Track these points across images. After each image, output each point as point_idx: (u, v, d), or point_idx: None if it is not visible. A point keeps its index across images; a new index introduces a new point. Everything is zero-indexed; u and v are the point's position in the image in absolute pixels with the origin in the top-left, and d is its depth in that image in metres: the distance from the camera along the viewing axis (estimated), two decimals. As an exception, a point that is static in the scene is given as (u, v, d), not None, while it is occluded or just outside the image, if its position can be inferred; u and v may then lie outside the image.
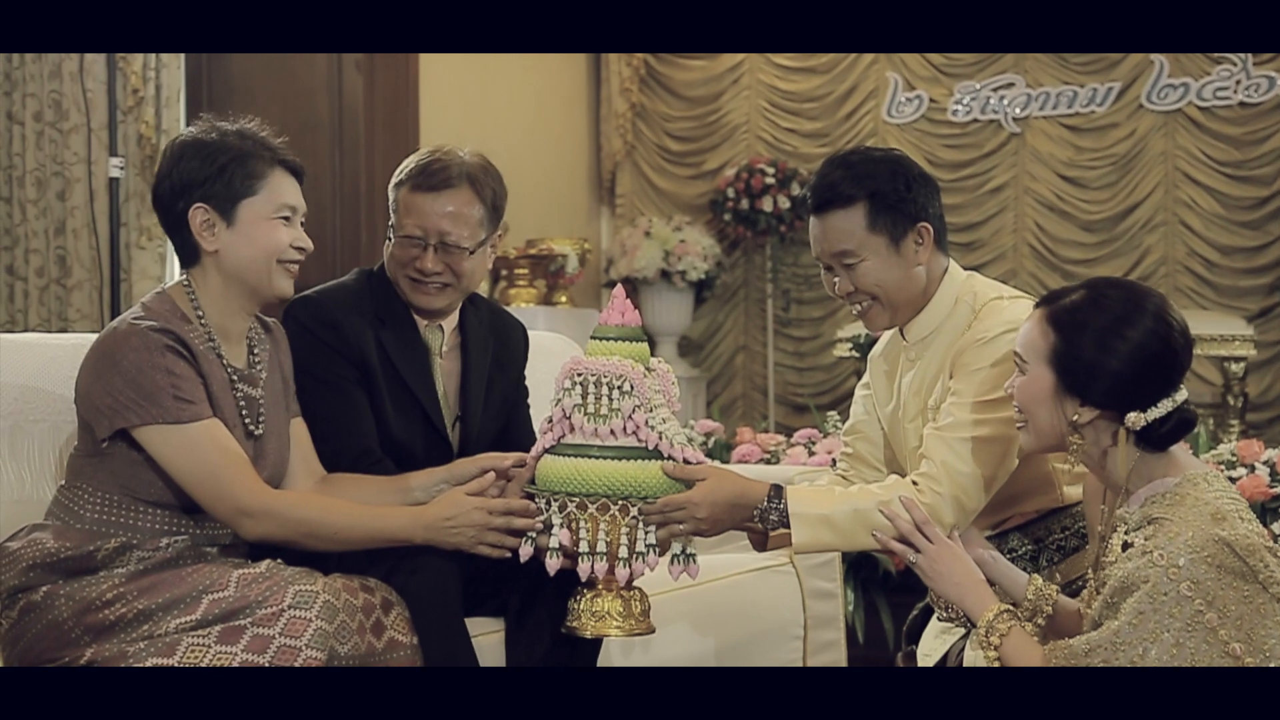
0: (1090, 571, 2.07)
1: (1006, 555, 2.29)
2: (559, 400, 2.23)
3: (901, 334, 2.39)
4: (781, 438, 4.36)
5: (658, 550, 2.22)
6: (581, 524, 2.19)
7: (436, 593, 2.25)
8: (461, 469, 2.34)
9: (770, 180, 7.59)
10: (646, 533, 2.20)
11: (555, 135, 7.88)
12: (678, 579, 2.30)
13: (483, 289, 6.80)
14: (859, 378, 8.25)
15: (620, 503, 2.18)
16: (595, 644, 2.44)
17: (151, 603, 2.07)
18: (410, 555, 2.24)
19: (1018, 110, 7.45)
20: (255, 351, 2.31)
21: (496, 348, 2.63)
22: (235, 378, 2.24)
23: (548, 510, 2.22)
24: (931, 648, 2.43)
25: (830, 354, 7.47)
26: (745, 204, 7.62)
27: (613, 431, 2.18)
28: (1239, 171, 7.10)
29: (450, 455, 2.49)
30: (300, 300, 2.47)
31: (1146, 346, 1.93)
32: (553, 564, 2.20)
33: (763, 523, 2.24)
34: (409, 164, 2.52)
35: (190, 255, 2.26)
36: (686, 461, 2.22)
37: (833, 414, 4.48)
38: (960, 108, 7.55)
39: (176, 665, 1.98)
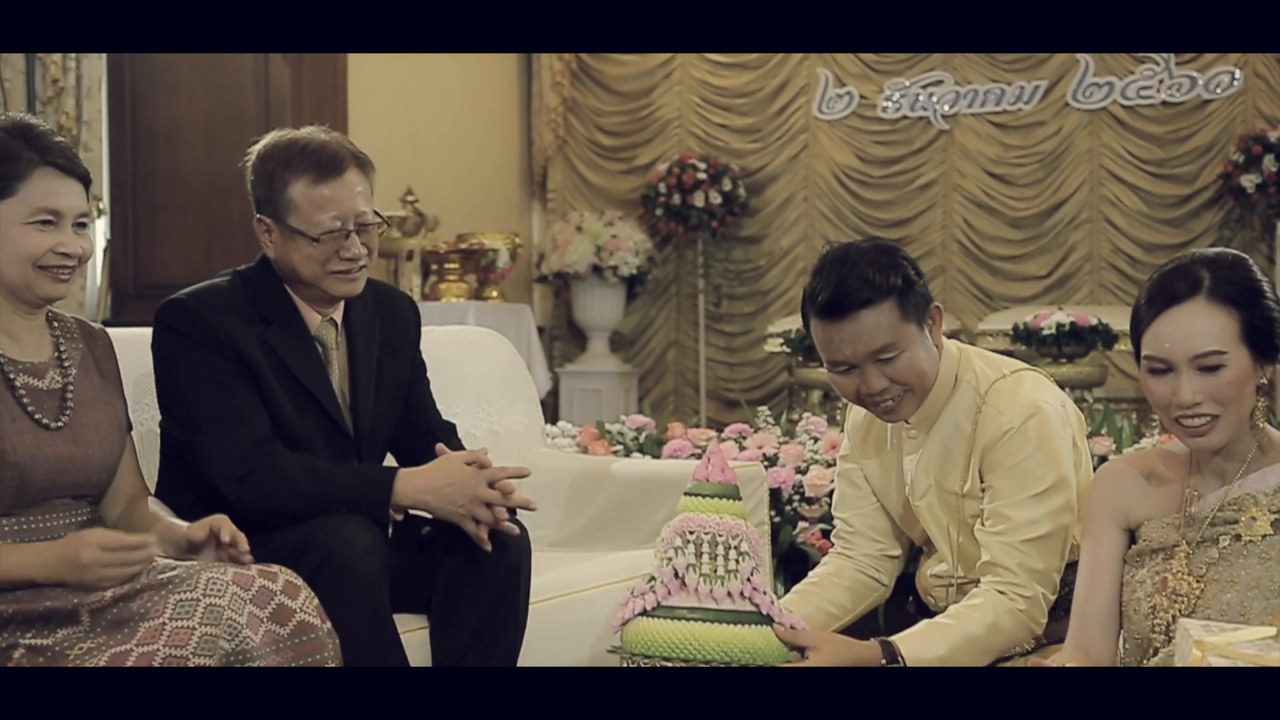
0: (1149, 558, 2.00)
1: None
2: (669, 560, 2.07)
3: None
4: (712, 433, 4.35)
5: None
6: None
7: (364, 591, 2.22)
8: (195, 533, 2.18)
9: (702, 175, 7.61)
10: None
11: (486, 129, 7.84)
12: None
13: (413, 284, 6.75)
14: (790, 374, 8.18)
15: None
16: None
17: (33, 609, 1.99)
18: (335, 553, 2.22)
19: (946, 107, 7.52)
20: (62, 348, 2.22)
21: (385, 331, 2.56)
22: (12, 370, 2.14)
23: None
24: None
25: (761, 349, 7.50)
26: (677, 199, 7.63)
27: (729, 594, 2.05)
28: (1161, 170, 7.23)
29: (350, 449, 2.46)
30: (168, 304, 2.39)
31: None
32: None
33: None
34: (283, 155, 2.40)
35: None
36: (792, 627, 2.12)
37: (763, 409, 4.49)
38: (890, 104, 7.61)
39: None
